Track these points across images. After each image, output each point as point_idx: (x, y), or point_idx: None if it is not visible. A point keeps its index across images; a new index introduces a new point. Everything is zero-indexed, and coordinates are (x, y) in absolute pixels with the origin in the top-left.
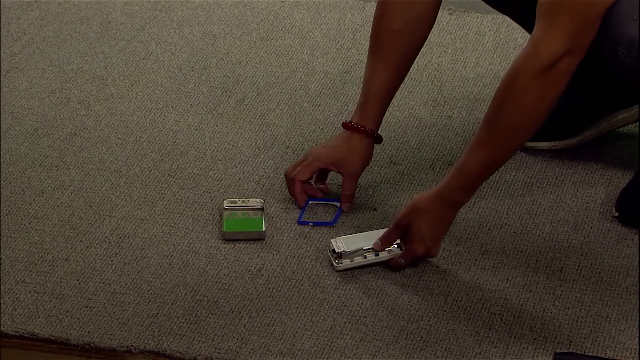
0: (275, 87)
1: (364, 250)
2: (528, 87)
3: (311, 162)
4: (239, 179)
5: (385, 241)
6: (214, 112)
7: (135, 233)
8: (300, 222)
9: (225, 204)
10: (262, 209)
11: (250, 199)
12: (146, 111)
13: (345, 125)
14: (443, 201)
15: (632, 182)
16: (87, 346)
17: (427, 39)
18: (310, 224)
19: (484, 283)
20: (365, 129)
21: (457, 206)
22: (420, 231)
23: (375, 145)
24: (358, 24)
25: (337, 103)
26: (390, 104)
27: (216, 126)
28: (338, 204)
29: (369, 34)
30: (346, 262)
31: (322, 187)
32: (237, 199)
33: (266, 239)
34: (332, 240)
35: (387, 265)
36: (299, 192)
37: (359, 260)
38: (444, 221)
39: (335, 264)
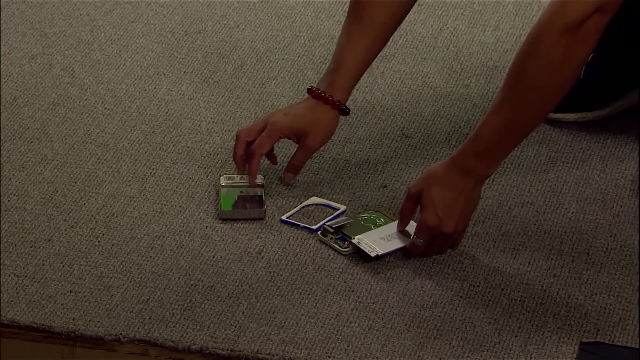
0: (276, 52)
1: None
2: (553, 45)
3: (271, 132)
4: None
5: (401, 217)
6: (210, 80)
7: (124, 212)
8: (283, 221)
9: (222, 181)
10: (262, 185)
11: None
12: (136, 79)
13: (311, 92)
14: (456, 167)
15: None
16: (72, 334)
17: (443, 1)
18: (299, 226)
19: (503, 267)
20: (333, 100)
21: (472, 175)
22: (430, 197)
23: (377, 117)
24: None
25: None
26: (402, 72)
27: (212, 95)
28: (337, 210)
29: None
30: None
31: (272, 159)
32: (235, 175)
33: (266, 218)
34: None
35: (403, 252)
36: (240, 157)
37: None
38: (458, 191)
39: (342, 249)
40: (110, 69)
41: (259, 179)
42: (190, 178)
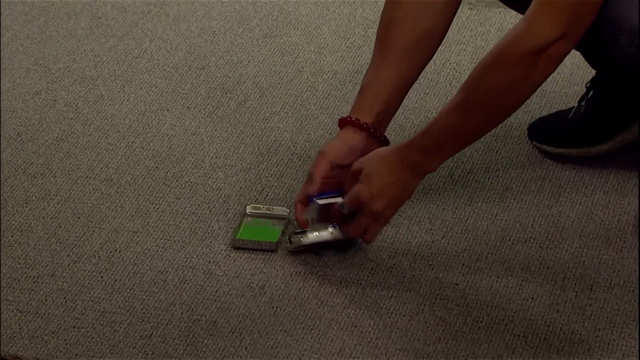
0: (279, 88)
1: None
2: (514, 66)
3: (321, 159)
4: (240, 187)
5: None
6: (213, 115)
7: (127, 247)
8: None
9: (248, 210)
10: (285, 218)
11: (274, 207)
12: (139, 114)
13: (339, 121)
14: (400, 156)
15: None
16: None
17: (446, 37)
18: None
19: (506, 302)
20: (358, 122)
21: (414, 168)
22: (369, 174)
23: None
24: (370, 20)
25: (347, 105)
26: (405, 107)
27: (215, 130)
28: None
29: None
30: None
31: None
32: (261, 205)
33: (269, 253)
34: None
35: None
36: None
37: (313, 237)
38: (396, 178)
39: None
40: (114, 104)
41: (283, 211)
42: (193, 213)
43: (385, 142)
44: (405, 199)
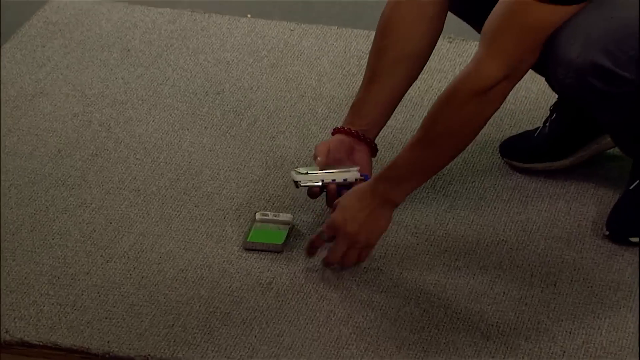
0: (284, 110)
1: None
2: (464, 104)
3: (320, 146)
4: (251, 197)
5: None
6: (227, 134)
7: (153, 248)
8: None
9: (258, 216)
10: (289, 223)
11: (280, 214)
12: (163, 133)
13: (332, 132)
14: (370, 186)
15: (620, 203)
16: (107, 355)
17: (428, 66)
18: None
19: (481, 296)
20: (342, 129)
21: (381, 196)
22: (343, 204)
23: (372, 166)
24: (363, 52)
25: None
26: (394, 127)
27: (229, 147)
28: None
29: None
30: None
31: None
32: (269, 212)
33: (276, 254)
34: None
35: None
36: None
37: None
38: (365, 205)
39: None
40: (141, 124)
41: (288, 217)
42: (210, 219)
43: (374, 146)
44: (380, 227)
